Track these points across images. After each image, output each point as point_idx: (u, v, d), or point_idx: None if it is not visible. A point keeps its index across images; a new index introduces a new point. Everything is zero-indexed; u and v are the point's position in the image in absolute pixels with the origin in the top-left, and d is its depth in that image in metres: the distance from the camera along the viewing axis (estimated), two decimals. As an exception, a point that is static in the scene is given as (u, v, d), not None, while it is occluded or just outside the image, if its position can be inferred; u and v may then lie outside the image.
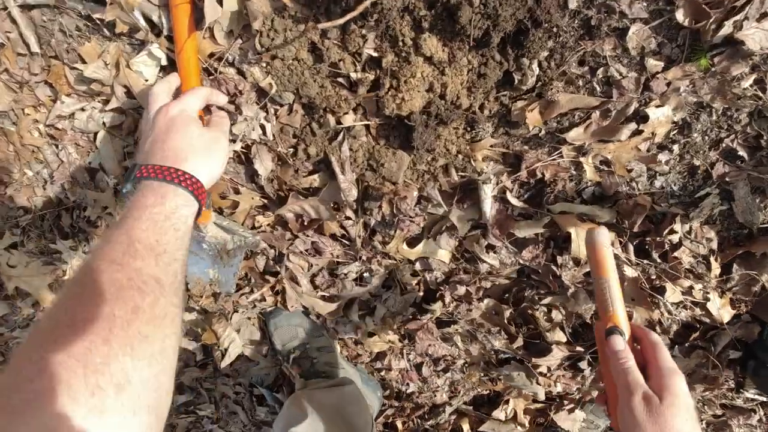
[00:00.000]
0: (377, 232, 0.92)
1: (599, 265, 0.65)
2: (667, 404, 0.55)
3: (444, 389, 1.17)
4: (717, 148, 0.77)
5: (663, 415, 0.55)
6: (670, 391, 0.56)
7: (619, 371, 0.61)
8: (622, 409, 0.59)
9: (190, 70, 0.71)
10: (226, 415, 1.33)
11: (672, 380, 0.57)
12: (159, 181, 0.56)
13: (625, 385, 0.59)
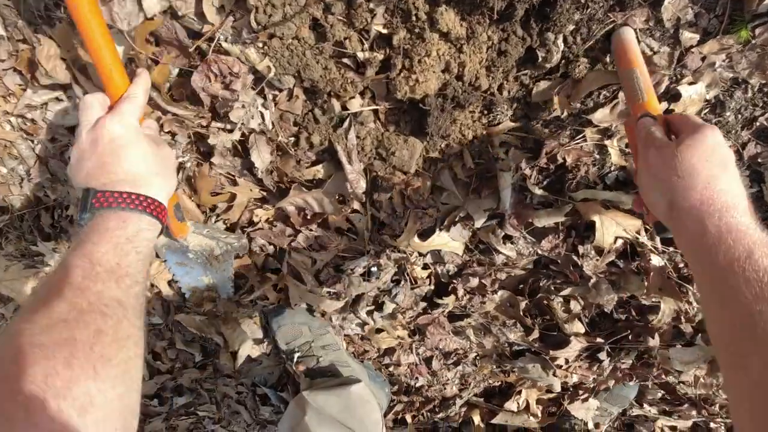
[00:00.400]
0: (386, 224, 0.86)
1: (628, 58, 0.62)
2: (684, 145, 0.51)
3: (454, 382, 1.14)
4: (750, 127, 0.72)
5: (676, 156, 0.51)
6: (690, 134, 0.51)
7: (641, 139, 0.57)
8: (639, 167, 0.56)
9: (110, 69, 0.59)
10: (229, 415, 1.29)
11: (697, 128, 0.52)
12: (121, 210, 0.54)
13: (643, 142, 0.56)
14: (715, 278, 0.47)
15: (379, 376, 1.13)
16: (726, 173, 0.50)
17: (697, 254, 0.50)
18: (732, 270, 0.44)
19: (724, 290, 0.45)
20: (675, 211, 0.52)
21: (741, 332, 0.42)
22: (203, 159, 0.81)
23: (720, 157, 0.50)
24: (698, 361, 0.92)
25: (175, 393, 1.24)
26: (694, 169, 0.49)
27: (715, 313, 0.47)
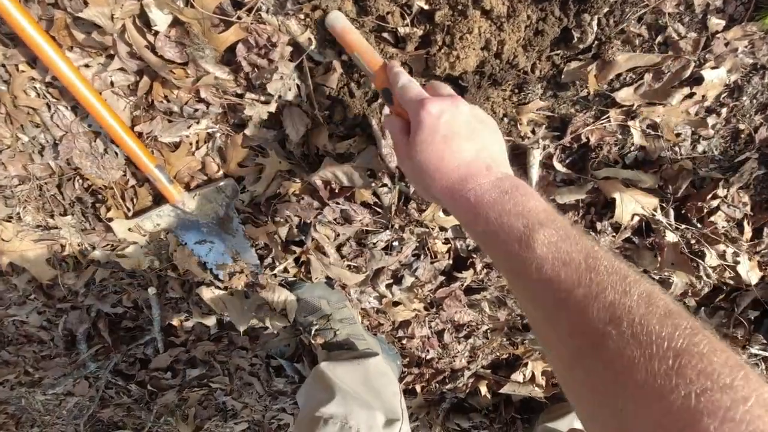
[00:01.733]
0: (412, 199, 0.88)
1: (345, 43, 0.65)
2: (412, 142, 0.51)
3: (464, 354, 1.18)
4: (764, 112, 0.77)
5: (411, 159, 0.52)
6: (413, 125, 0.52)
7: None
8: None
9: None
10: (240, 387, 1.31)
11: (414, 114, 0.52)
12: None
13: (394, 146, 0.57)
14: (483, 249, 0.50)
15: (392, 349, 1.17)
16: (454, 145, 0.49)
17: (466, 231, 0.50)
18: (485, 239, 0.46)
19: (492, 257, 0.48)
20: (437, 203, 0.56)
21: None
22: (233, 130, 0.82)
23: (443, 131, 0.50)
24: (699, 333, 0.98)
25: (189, 365, 1.25)
26: (426, 163, 0.50)
27: (502, 274, 0.49)
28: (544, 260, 0.39)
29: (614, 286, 0.35)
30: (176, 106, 0.77)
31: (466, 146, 0.50)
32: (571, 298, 0.36)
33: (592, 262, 0.37)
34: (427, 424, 1.36)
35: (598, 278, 0.36)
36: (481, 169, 0.48)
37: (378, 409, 0.90)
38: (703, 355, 0.29)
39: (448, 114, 0.51)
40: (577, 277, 0.36)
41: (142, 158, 0.81)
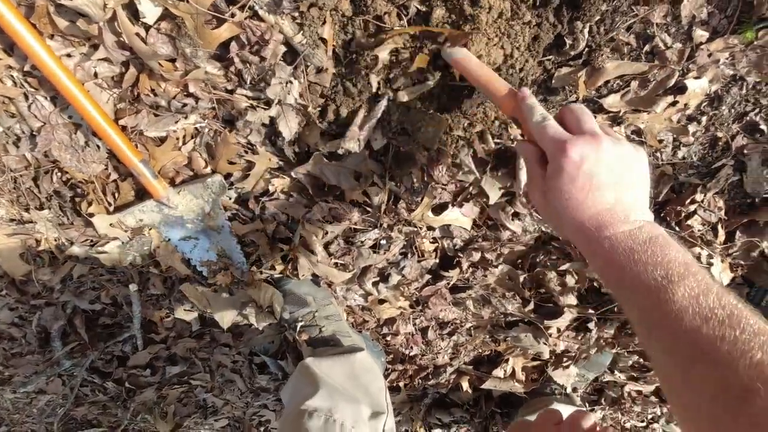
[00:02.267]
0: (401, 199, 0.88)
1: (468, 73, 0.64)
2: (549, 181, 0.50)
3: (447, 351, 1.20)
4: (741, 121, 0.80)
5: (546, 195, 0.51)
6: (550, 164, 0.50)
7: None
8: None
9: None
10: (222, 384, 1.30)
11: (554, 154, 0.49)
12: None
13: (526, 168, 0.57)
14: (614, 295, 0.50)
15: (377, 346, 1.17)
16: (593, 194, 0.48)
17: (600, 277, 0.51)
18: (618, 288, 0.46)
19: (621, 303, 0.48)
20: (564, 236, 0.55)
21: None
22: (223, 126, 0.80)
23: (582, 180, 0.47)
24: (673, 331, 1.02)
25: (169, 362, 1.23)
26: (562, 209, 0.49)
27: (632, 323, 0.49)
28: (684, 313, 0.39)
29: (761, 347, 0.35)
30: (164, 100, 0.75)
31: (606, 194, 0.48)
32: (716, 352, 0.36)
33: (737, 320, 0.37)
34: (409, 419, 1.38)
35: (743, 336, 0.36)
36: (619, 218, 0.47)
37: (364, 403, 0.91)
38: None
39: (590, 161, 0.47)
40: (721, 333, 0.36)
41: (126, 152, 0.79)
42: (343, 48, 0.72)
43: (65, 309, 1.08)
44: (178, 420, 1.38)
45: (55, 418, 1.36)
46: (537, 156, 0.53)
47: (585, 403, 1.35)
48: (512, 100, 0.57)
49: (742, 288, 0.97)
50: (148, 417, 1.39)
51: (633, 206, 0.48)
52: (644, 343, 0.45)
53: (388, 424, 0.91)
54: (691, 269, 0.42)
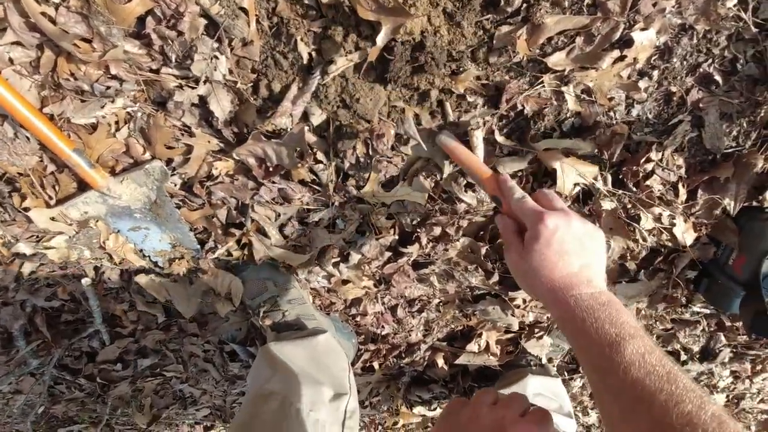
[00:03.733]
0: (350, 175, 0.86)
1: (456, 159, 0.76)
2: (527, 248, 0.59)
3: (419, 328, 1.19)
4: (694, 73, 0.77)
5: (522, 261, 0.60)
6: (529, 234, 0.60)
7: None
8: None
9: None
10: (196, 374, 1.29)
11: (533, 224, 0.60)
12: None
13: (503, 239, 0.68)
14: (572, 344, 0.57)
15: (346, 327, 1.16)
16: (564, 258, 0.57)
17: (559, 326, 0.59)
18: (578, 337, 0.54)
19: (578, 351, 0.55)
20: (537, 299, 0.64)
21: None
22: (155, 108, 0.77)
23: (556, 245, 0.58)
24: (640, 295, 1.01)
25: (139, 355, 1.22)
26: (538, 269, 0.58)
27: (583, 369, 0.59)
28: (631, 365, 0.46)
29: (692, 401, 0.41)
30: (86, 84, 0.71)
31: (573, 260, 0.58)
32: (654, 401, 0.43)
33: (673, 377, 0.44)
34: (389, 397, 1.38)
35: (677, 391, 0.43)
36: (583, 281, 0.56)
37: (326, 384, 0.90)
38: None
39: (561, 230, 0.58)
40: (660, 386, 0.44)
41: (55, 142, 0.76)
42: (268, 18, 0.68)
43: (24, 308, 1.06)
44: (155, 412, 1.38)
45: (33, 417, 1.35)
46: (514, 227, 0.65)
47: (564, 372, 1.35)
48: (494, 181, 0.70)
49: (708, 248, 0.95)
50: (127, 411, 1.39)
51: (595, 274, 0.58)
52: (594, 385, 0.52)
53: (350, 404, 0.90)
54: (639, 333, 0.50)
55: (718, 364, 1.27)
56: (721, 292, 0.95)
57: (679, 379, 0.44)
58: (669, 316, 1.16)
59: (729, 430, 0.39)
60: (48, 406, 1.38)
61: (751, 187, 0.85)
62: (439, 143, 0.77)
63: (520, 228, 0.64)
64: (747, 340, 1.22)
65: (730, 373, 1.36)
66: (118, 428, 1.54)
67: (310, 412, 0.82)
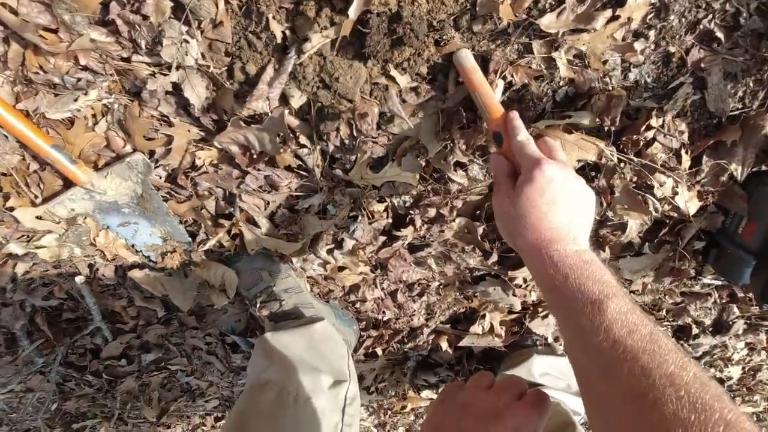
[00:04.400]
0: (337, 159, 0.83)
1: (468, 82, 0.69)
2: (518, 191, 0.57)
3: (420, 312, 1.17)
4: (693, 31, 0.72)
5: (512, 205, 0.57)
6: (523, 177, 0.58)
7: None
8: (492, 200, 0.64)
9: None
10: (201, 366, 1.29)
11: (529, 168, 0.57)
12: None
13: (494, 180, 0.64)
14: (550, 301, 0.55)
15: (347, 314, 1.14)
16: (554, 210, 0.55)
17: (537, 281, 0.57)
18: (559, 293, 0.51)
19: (557, 308, 0.54)
20: (518, 249, 0.60)
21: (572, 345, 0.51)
22: (131, 99, 0.75)
23: (549, 195, 0.56)
24: (646, 269, 0.97)
25: (143, 350, 1.22)
26: (525, 215, 0.56)
27: (559, 325, 0.56)
28: (613, 323, 0.45)
29: (674, 361, 0.41)
30: (56, 77, 0.70)
31: (563, 214, 0.56)
32: (637, 360, 0.42)
33: (656, 338, 0.44)
34: (395, 383, 1.37)
35: (660, 351, 0.42)
36: (569, 237, 0.55)
37: (324, 372, 0.89)
38: (747, 430, 0.35)
39: (557, 181, 0.56)
40: (642, 346, 0.43)
41: (33, 139, 0.74)
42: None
43: (24, 308, 1.06)
44: (164, 405, 1.39)
45: (47, 414, 1.38)
46: (508, 169, 0.63)
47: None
48: (501, 117, 0.66)
49: (716, 217, 0.90)
50: (137, 404, 1.40)
51: (581, 232, 0.57)
52: (571, 344, 0.50)
53: (350, 390, 0.89)
54: (620, 292, 0.49)
55: (732, 336, 1.23)
56: (731, 263, 0.91)
57: (661, 339, 0.44)
58: (678, 290, 1.12)
59: (711, 390, 0.38)
60: (60, 403, 1.40)
61: (760, 151, 0.80)
62: (456, 61, 0.70)
63: (514, 171, 0.62)
64: (762, 310, 1.18)
65: (744, 345, 1.32)
66: (131, 422, 1.56)
67: (308, 399, 0.81)
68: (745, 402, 1.67)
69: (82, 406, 1.41)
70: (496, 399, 0.54)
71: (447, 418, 0.55)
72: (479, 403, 0.54)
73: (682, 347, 1.28)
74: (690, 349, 1.28)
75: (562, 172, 0.57)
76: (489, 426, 0.51)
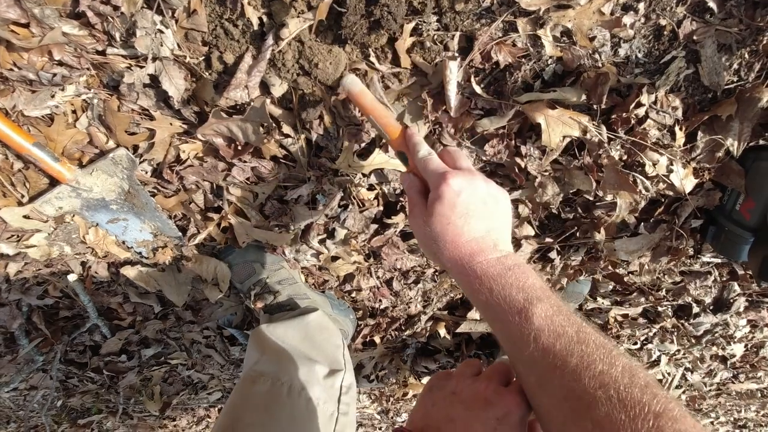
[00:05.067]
0: (323, 147, 0.81)
1: (361, 107, 0.68)
2: (430, 212, 0.55)
3: (417, 300, 1.16)
4: (685, 1, 0.69)
5: (427, 225, 0.55)
6: (432, 195, 0.56)
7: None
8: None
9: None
10: (201, 360, 1.30)
11: (435, 184, 0.56)
12: None
13: (408, 204, 0.61)
14: (482, 315, 0.54)
15: (343, 304, 1.14)
16: (469, 222, 0.54)
17: (468, 296, 0.55)
18: (487, 307, 0.50)
19: (489, 322, 0.53)
20: (442, 267, 0.59)
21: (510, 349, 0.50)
22: (109, 93, 0.74)
23: (461, 208, 0.54)
24: (642, 249, 0.95)
25: (142, 346, 1.23)
26: (442, 233, 0.54)
27: (498, 339, 0.54)
28: (540, 331, 0.45)
29: (602, 359, 0.41)
30: (31, 73, 0.68)
31: (479, 224, 0.54)
32: (566, 366, 0.42)
33: (583, 336, 0.43)
34: (395, 370, 1.37)
35: (588, 350, 0.42)
36: (489, 246, 0.53)
37: (319, 362, 0.88)
38: (676, 419, 0.35)
39: (467, 192, 0.54)
40: (570, 349, 0.42)
41: (13, 138, 0.73)
42: (210, -18, 0.63)
43: (20, 307, 1.06)
44: (166, 399, 1.40)
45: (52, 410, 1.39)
46: (419, 187, 0.60)
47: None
48: (401, 136, 0.64)
49: (713, 194, 0.89)
50: (141, 398, 1.41)
51: (501, 237, 0.55)
52: (510, 356, 0.50)
53: (346, 380, 0.89)
54: (546, 293, 0.49)
55: (733, 314, 1.22)
56: (729, 240, 0.89)
57: (588, 336, 0.44)
58: (677, 269, 1.11)
59: (639, 382, 0.38)
60: (65, 400, 1.41)
61: (756, 125, 0.78)
62: (344, 88, 0.68)
63: (425, 188, 0.59)
64: (760, 288, 1.17)
65: (746, 323, 1.30)
66: (137, 415, 1.57)
67: (302, 390, 0.81)
68: (749, 379, 1.66)
69: (86, 401, 1.43)
70: (484, 386, 0.53)
71: (435, 406, 0.54)
72: (467, 391, 0.54)
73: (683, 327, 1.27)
74: (691, 328, 1.27)
75: (468, 182, 0.55)
76: (478, 413, 0.51)
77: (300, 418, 0.78)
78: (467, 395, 0.53)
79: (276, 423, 0.75)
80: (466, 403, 0.52)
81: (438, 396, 0.55)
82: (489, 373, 0.55)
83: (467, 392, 0.53)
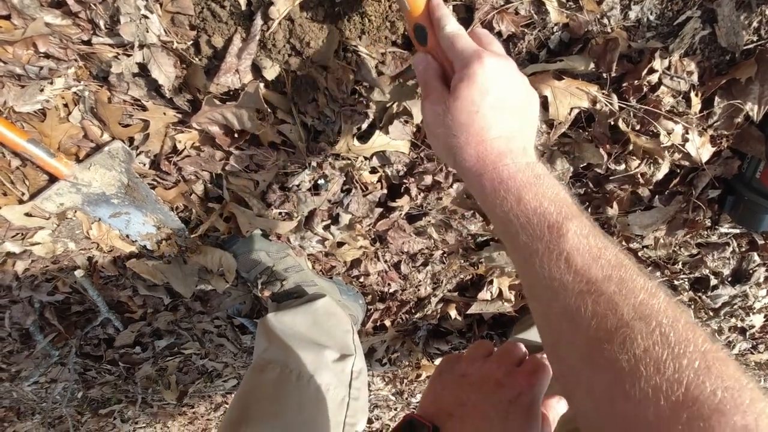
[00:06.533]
0: (321, 131, 0.79)
1: None
2: (454, 98, 0.46)
3: (426, 282, 1.15)
4: (699, -44, 0.65)
5: (448, 114, 0.46)
6: (458, 78, 0.46)
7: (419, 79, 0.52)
8: (422, 111, 0.51)
9: None
10: (214, 349, 1.30)
11: (463, 66, 0.46)
12: None
13: (421, 86, 0.51)
14: (500, 231, 0.46)
15: (351, 289, 1.13)
16: (501, 114, 0.45)
17: (484, 208, 0.47)
18: (509, 220, 0.43)
19: (507, 239, 0.45)
20: (458, 169, 0.48)
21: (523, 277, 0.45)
22: (100, 85, 0.72)
23: (494, 96, 0.45)
24: (657, 223, 0.92)
25: (155, 337, 1.24)
26: (467, 124, 0.45)
27: (512, 258, 0.47)
28: (575, 250, 0.39)
29: (644, 287, 0.36)
30: (18, 67, 0.66)
31: (511, 120, 0.46)
32: (602, 292, 0.36)
33: (620, 263, 0.38)
34: (407, 353, 1.37)
35: (627, 277, 0.37)
36: (519, 148, 0.46)
37: (329, 347, 0.88)
38: (724, 360, 0.31)
39: (505, 78, 0.46)
40: (608, 273, 0.37)
41: (7, 135, 0.72)
42: (193, -38, 0.60)
43: (32, 304, 1.07)
44: (182, 388, 1.42)
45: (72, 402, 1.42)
46: (439, 71, 0.51)
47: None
48: (425, 6, 0.51)
49: (732, 162, 0.84)
50: (158, 387, 1.43)
51: (530, 141, 0.47)
52: (528, 279, 0.43)
53: (356, 364, 0.89)
54: (580, 210, 0.42)
55: (753, 285, 1.18)
56: (749, 210, 0.85)
57: (627, 263, 0.38)
58: (694, 241, 1.07)
59: (684, 316, 0.34)
60: (85, 391, 1.44)
61: (778, 86, 0.74)
62: None
63: (445, 74, 0.51)
64: (784, 257, 1.12)
65: (767, 293, 1.26)
66: (156, 404, 1.60)
67: (312, 377, 0.80)
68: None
69: (105, 392, 1.45)
70: (494, 368, 0.52)
71: (445, 390, 0.53)
72: (477, 373, 0.52)
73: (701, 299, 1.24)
74: (708, 300, 1.24)
75: (508, 67, 0.46)
76: (489, 396, 0.49)
77: (310, 404, 0.78)
78: (478, 377, 0.52)
79: (285, 411, 0.75)
80: (477, 385, 0.51)
81: (448, 379, 0.54)
82: (500, 353, 0.54)
83: (478, 374, 0.52)
